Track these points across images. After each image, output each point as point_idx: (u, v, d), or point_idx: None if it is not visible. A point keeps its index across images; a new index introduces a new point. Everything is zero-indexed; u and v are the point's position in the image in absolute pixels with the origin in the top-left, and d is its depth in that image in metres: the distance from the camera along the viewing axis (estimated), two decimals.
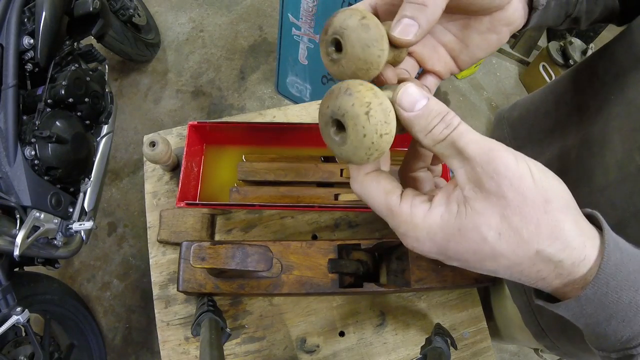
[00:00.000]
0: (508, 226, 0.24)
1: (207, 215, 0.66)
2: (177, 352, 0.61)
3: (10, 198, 0.93)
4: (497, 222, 0.24)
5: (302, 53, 1.55)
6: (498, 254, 0.25)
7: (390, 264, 0.61)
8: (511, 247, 0.24)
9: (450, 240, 0.26)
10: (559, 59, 1.85)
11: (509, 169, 0.24)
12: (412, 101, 0.26)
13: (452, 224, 0.25)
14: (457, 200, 0.26)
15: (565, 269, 0.25)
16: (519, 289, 0.60)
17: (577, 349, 0.55)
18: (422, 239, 0.26)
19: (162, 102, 1.84)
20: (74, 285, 1.54)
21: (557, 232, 0.24)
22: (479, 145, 0.24)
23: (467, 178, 0.25)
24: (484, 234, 0.24)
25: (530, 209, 0.24)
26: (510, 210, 0.24)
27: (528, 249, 0.24)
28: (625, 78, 0.42)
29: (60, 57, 1.09)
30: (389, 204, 0.28)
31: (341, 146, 0.26)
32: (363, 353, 0.63)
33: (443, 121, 0.25)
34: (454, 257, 0.26)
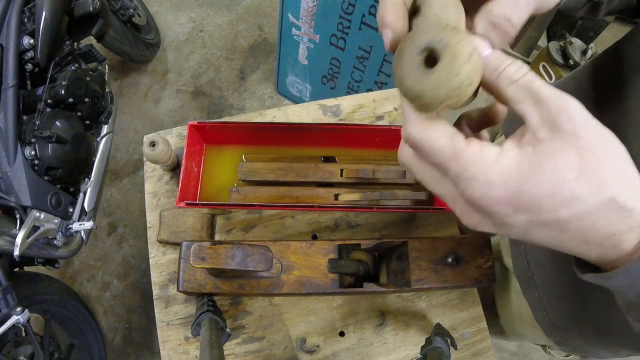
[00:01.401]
0: (586, 167, 0.23)
1: (207, 215, 0.66)
2: (177, 352, 0.61)
3: (10, 198, 0.93)
4: (576, 161, 0.23)
5: (302, 53, 1.55)
6: (576, 197, 0.24)
7: (390, 264, 0.61)
8: (590, 189, 0.23)
9: (528, 181, 0.24)
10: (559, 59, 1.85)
11: (582, 113, 0.24)
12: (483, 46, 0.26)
13: (530, 163, 0.24)
14: (531, 143, 0.25)
15: (635, 219, 0.24)
16: (530, 285, 0.60)
17: (588, 343, 0.56)
18: (494, 182, 0.24)
19: (162, 102, 1.84)
20: (74, 285, 1.54)
21: (627, 178, 0.24)
22: (552, 90, 0.24)
23: (541, 120, 0.24)
24: (564, 173, 0.23)
25: (604, 151, 0.24)
26: (587, 151, 0.23)
27: (604, 194, 0.24)
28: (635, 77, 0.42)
29: (60, 57, 1.09)
30: (456, 145, 0.25)
31: (422, 76, 0.24)
32: (363, 353, 0.63)
33: (514, 64, 0.25)
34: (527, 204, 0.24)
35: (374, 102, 0.77)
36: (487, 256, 0.57)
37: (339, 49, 1.42)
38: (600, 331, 0.51)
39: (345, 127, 0.64)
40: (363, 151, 0.69)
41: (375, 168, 0.65)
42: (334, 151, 0.69)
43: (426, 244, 0.57)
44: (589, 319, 0.51)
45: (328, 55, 1.48)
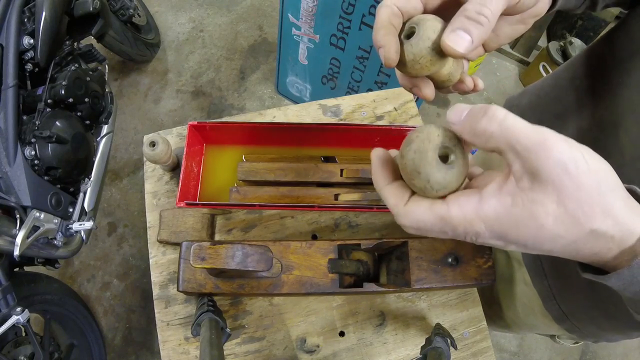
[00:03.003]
0: (564, 211, 0.25)
1: (207, 215, 0.66)
2: (177, 352, 0.61)
3: (10, 198, 0.93)
4: (554, 208, 0.25)
5: (302, 53, 1.55)
6: (556, 236, 0.26)
7: (390, 264, 0.61)
8: (568, 229, 0.26)
9: (508, 230, 0.27)
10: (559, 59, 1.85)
11: (563, 156, 0.25)
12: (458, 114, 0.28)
13: (508, 215, 0.26)
14: (510, 193, 0.27)
15: (616, 242, 0.27)
16: (539, 275, 0.60)
17: (600, 328, 0.56)
18: (481, 232, 0.28)
19: (162, 102, 1.84)
20: (74, 285, 1.53)
21: (608, 211, 0.26)
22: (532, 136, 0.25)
23: (522, 169, 0.26)
24: (541, 222, 0.26)
25: (585, 193, 0.25)
26: (567, 196, 0.25)
27: (583, 229, 0.26)
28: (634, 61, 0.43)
29: (60, 57, 1.09)
30: (438, 214, 0.28)
31: (444, 171, 0.28)
32: (363, 353, 0.63)
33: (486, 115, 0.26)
34: (514, 242, 0.28)
35: (374, 102, 0.77)
36: (487, 256, 0.57)
37: (339, 49, 1.42)
38: (611, 315, 0.51)
39: (345, 127, 0.64)
40: (363, 151, 0.69)
41: None
42: (334, 151, 0.69)
43: (426, 244, 0.57)
44: (599, 304, 0.52)
45: (328, 55, 1.48)
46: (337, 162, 0.68)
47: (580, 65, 0.53)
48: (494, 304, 0.75)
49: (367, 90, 1.10)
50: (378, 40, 0.31)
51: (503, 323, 0.77)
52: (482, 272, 0.56)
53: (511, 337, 1.62)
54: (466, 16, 0.29)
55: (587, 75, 0.51)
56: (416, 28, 0.30)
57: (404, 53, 0.31)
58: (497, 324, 0.79)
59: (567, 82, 0.55)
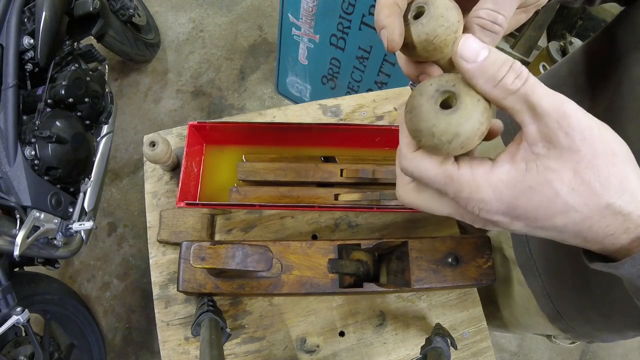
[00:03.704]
0: (581, 180, 0.24)
1: (207, 215, 0.66)
2: (177, 352, 0.61)
3: (10, 198, 0.93)
4: (571, 177, 0.24)
5: (302, 53, 1.55)
6: (570, 208, 0.25)
7: (390, 264, 0.61)
8: (583, 200, 0.24)
9: (520, 197, 0.25)
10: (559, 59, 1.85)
11: (581, 123, 0.24)
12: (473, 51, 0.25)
13: (521, 181, 0.25)
14: (524, 159, 0.25)
15: (633, 221, 0.25)
16: (533, 274, 0.60)
17: (594, 328, 0.56)
18: (488, 199, 0.26)
19: (162, 102, 1.84)
20: (74, 285, 1.53)
21: (625, 184, 0.25)
22: (552, 100, 0.24)
23: (539, 135, 0.24)
24: (556, 189, 0.24)
25: (601, 161, 0.24)
26: (584, 164, 0.24)
27: (599, 202, 0.24)
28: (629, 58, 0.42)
29: (60, 57, 1.09)
30: (447, 171, 0.26)
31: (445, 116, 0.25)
32: (363, 353, 0.63)
33: (512, 70, 0.24)
34: (522, 215, 0.26)
35: (374, 102, 0.77)
36: (487, 256, 0.57)
37: (339, 49, 1.42)
38: (605, 314, 0.51)
39: (345, 127, 0.64)
40: (363, 151, 0.69)
41: (375, 168, 0.65)
42: (334, 151, 0.69)
43: (426, 244, 0.57)
44: (593, 303, 0.52)
45: (328, 55, 1.48)
46: (337, 162, 0.68)
47: (579, 60, 0.53)
48: (490, 303, 0.75)
49: (367, 90, 1.10)
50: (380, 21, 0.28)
51: (500, 323, 0.77)
52: (482, 272, 0.56)
53: (511, 337, 1.62)
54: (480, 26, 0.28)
55: (586, 69, 0.51)
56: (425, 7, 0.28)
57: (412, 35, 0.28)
58: (493, 324, 0.79)
59: (566, 77, 0.55)
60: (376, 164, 0.66)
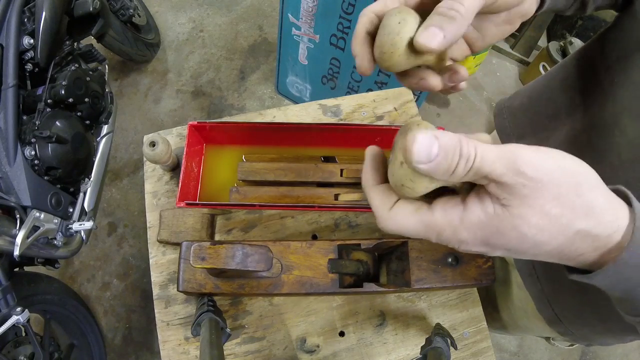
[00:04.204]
0: (548, 220, 0.25)
1: (207, 215, 0.66)
2: (177, 352, 0.61)
3: (10, 198, 0.93)
4: (537, 219, 0.25)
5: (302, 53, 1.55)
6: (540, 244, 0.26)
7: (390, 264, 0.61)
8: (552, 235, 0.26)
9: (492, 236, 0.27)
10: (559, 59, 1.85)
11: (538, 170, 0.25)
12: (426, 152, 0.25)
13: (490, 225, 0.27)
14: (492, 201, 0.27)
15: (601, 241, 0.27)
16: (532, 277, 0.60)
17: (593, 331, 0.56)
18: (465, 239, 0.28)
19: (162, 102, 1.84)
20: (74, 285, 1.53)
21: (590, 210, 0.26)
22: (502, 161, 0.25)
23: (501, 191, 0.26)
24: (524, 233, 0.26)
25: (565, 197, 0.25)
26: (549, 204, 0.25)
27: (567, 232, 0.26)
28: (628, 61, 0.43)
29: (60, 57, 1.09)
30: (423, 220, 0.28)
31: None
32: (363, 353, 0.63)
33: (462, 157, 0.25)
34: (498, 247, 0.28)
35: (374, 102, 0.77)
36: (487, 256, 0.57)
37: (339, 49, 1.42)
38: (604, 318, 0.51)
39: (345, 127, 0.64)
40: (363, 151, 0.69)
41: None
42: (334, 151, 0.69)
43: (426, 244, 0.57)
44: (591, 307, 0.52)
45: (328, 55, 1.48)
46: (337, 162, 0.68)
47: (573, 66, 0.53)
48: (489, 306, 0.75)
49: (367, 90, 1.10)
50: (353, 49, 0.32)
51: (499, 325, 0.77)
52: (482, 272, 0.56)
53: (511, 337, 1.62)
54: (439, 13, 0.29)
55: (580, 76, 0.51)
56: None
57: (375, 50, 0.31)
58: (493, 326, 0.79)
59: (560, 83, 0.55)
60: None
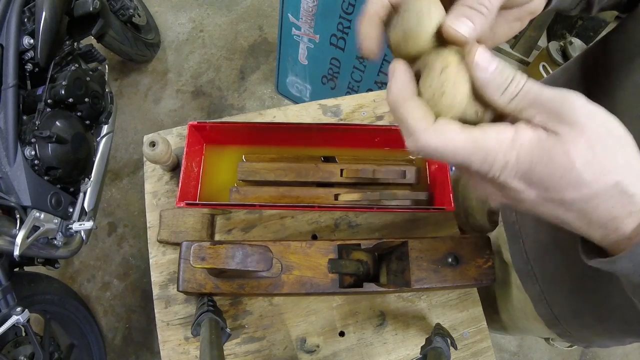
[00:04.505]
0: (593, 155, 0.25)
1: (207, 215, 0.66)
2: (177, 352, 0.61)
3: (10, 198, 0.93)
4: (584, 149, 0.25)
5: (302, 53, 1.55)
6: (582, 182, 0.25)
7: (390, 264, 0.61)
8: (595, 176, 0.25)
9: (538, 163, 0.26)
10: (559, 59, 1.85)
11: (585, 105, 0.25)
12: (485, 63, 0.26)
13: (542, 147, 0.26)
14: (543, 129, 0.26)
15: (637, 204, 0.26)
16: (530, 278, 0.60)
17: (591, 333, 0.56)
18: (510, 163, 0.26)
19: (162, 102, 1.84)
20: (74, 285, 1.53)
21: (631, 165, 0.26)
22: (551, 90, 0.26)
23: (548, 117, 0.26)
24: (572, 160, 0.25)
25: (610, 140, 0.25)
26: (594, 139, 0.25)
27: (608, 179, 0.25)
28: (630, 64, 0.43)
29: (60, 57, 1.09)
30: (474, 138, 0.26)
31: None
32: (363, 353, 0.63)
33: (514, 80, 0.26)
34: (537, 182, 0.26)
35: (374, 102, 0.77)
36: (487, 256, 0.57)
37: (339, 49, 1.42)
38: (603, 320, 0.51)
39: (345, 127, 0.64)
40: (363, 151, 0.69)
41: (375, 168, 0.65)
42: (334, 151, 0.69)
43: (426, 244, 0.57)
44: (591, 309, 0.52)
45: (328, 55, 1.48)
46: (337, 162, 0.68)
47: (577, 68, 0.53)
48: (489, 306, 0.75)
49: (367, 90, 1.10)
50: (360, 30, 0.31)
51: (498, 326, 0.77)
52: (482, 272, 0.56)
53: (511, 337, 1.62)
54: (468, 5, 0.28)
55: (583, 77, 0.51)
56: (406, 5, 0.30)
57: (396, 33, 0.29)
58: (492, 327, 0.79)
59: (563, 85, 0.55)
60: (376, 164, 0.66)
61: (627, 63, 0.43)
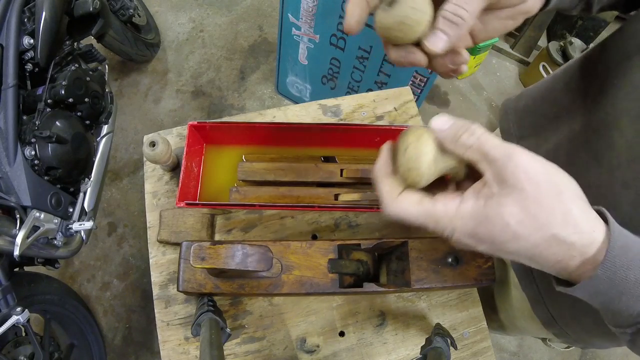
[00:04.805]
0: (527, 213, 0.28)
1: (207, 215, 0.66)
2: (177, 352, 0.61)
3: (10, 198, 0.93)
4: (518, 211, 0.29)
5: (302, 53, 1.55)
6: (519, 237, 0.29)
7: (390, 264, 0.61)
8: (530, 231, 0.29)
9: (479, 226, 0.30)
10: (559, 59, 1.85)
11: (526, 166, 0.29)
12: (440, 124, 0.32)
13: (480, 213, 0.30)
14: (484, 196, 0.30)
15: (577, 250, 0.29)
16: (528, 278, 0.60)
17: (588, 334, 0.56)
18: (457, 227, 0.31)
19: (162, 102, 1.84)
20: (74, 285, 1.53)
21: (568, 218, 0.28)
22: (500, 149, 0.29)
23: (493, 177, 0.30)
24: (506, 220, 0.29)
25: (545, 198, 0.28)
26: (529, 200, 0.28)
27: (544, 233, 0.28)
28: (629, 63, 0.43)
29: (60, 57, 1.09)
30: (425, 209, 0.32)
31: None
32: (363, 353, 0.63)
33: (468, 131, 0.31)
34: (483, 240, 0.31)
35: (374, 102, 0.77)
36: (487, 256, 0.57)
37: (339, 49, 1.42)
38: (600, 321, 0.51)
39: (345, 127, 0.64)
40: (363, 151, 0.69)
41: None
42: (334, 151, 0.69)
43: (426, 244, 0.57)
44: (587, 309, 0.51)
45: (328, 55, 1.48)
46: (337, 162, 0.68)
47: (577, 68, 0.53)
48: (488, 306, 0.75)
49: (367, 90, 1.10)
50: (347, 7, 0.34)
51: (497, 325, 0.77)
52: (482, 272, 0.56)
53: (511, 337, 1.62)
54: (443, 17, 0.32)
55: (583, 77, 0.52)
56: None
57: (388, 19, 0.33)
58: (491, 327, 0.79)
59: (563, 84, 0.55)
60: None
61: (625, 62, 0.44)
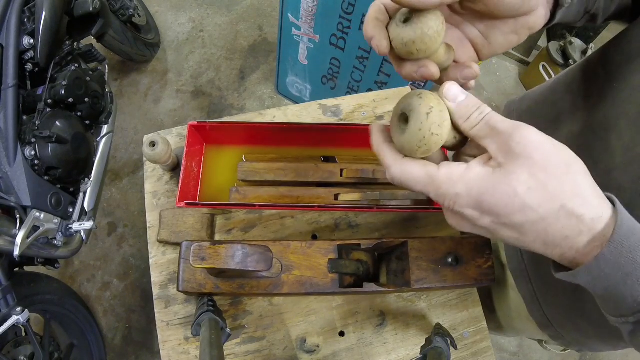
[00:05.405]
0: (536, 181, 0.28)
1: (207, 215, 0.66)
2: (177, 352, 0.61)
3: (10, 198, 0.93)
4: (526, 177, 0.28)
5: (302, 53, 1.55)
6: (527, 207, 0.28)
7: (390, 264, 0.61)
8: (539, 200, 0.28)
9: (485, 194, 0.29)
10: (559, 59, 1.85)
11: (533, 137, 0.28)
12: (454, 95, 0.32)
13: (487, 180, 0.29)
14: (492, 166, 0.30)
15: (586, 224, 0.28)
16: (524, 278, 0.60)
17: (583, 336, 0.56)
18: (460, 193, 0.30)
19: (162, 102, 1.84)
20: (74, 285, 1.53)
21: (577, 189, 0.28)
22: (507, 122, 0.30)
23: (498, 149, 0.29)
24: (515, 188, 0.28)
25: (555, 168, 0.28)
26: (537, 168, 0.28)
27: (553, 203, 0.28)
28: (630, 66, 0.43)
29: (60, 57, 1.09)
30: (429, 172, 0.31)
31: (401, 135, 0.32)
32: (363, 353, 0.63)
33: (478, 110, 0.31)
34: (488, 210, 0.30)
35: (374, 102, 0.77)
36: (487, 256, 0.57)
37: (339, 49, 1.42)
38: (595, 323, 0.51)
39: (345, 127, 0.64)
40: (363, 151, 0.69)
41: (375, 168, 0.65)
42: (334, 151, 0.69)
43: (426, 244, 0.57)
44: (583, 311, 0.52)
45: (328, 55, 1.48)
46: (337, 162, 0.68)
47: (578, 70, 0.54)
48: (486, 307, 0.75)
49: (367, 90, 1.10)
50: (368, 32, 0.34)
51: (495, 326, 0.77)
52: (482, 272, 0.56)
53: (511, 338, 1.62)
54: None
55: (584, 80, 0.52)
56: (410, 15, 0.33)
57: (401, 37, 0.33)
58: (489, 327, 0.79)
59: (564, 87, 0.56)
60: (376, 164, 0.66)
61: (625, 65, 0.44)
